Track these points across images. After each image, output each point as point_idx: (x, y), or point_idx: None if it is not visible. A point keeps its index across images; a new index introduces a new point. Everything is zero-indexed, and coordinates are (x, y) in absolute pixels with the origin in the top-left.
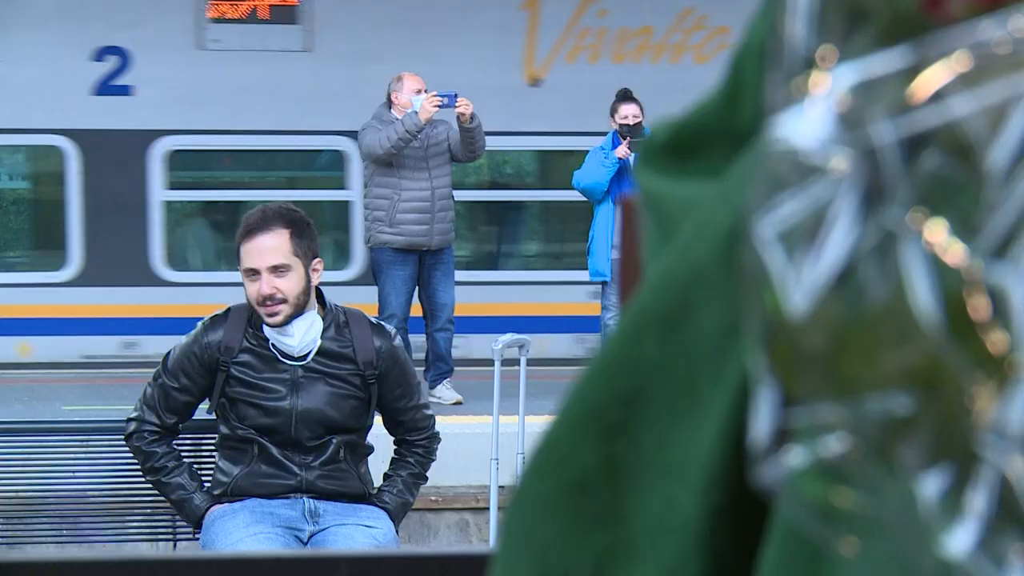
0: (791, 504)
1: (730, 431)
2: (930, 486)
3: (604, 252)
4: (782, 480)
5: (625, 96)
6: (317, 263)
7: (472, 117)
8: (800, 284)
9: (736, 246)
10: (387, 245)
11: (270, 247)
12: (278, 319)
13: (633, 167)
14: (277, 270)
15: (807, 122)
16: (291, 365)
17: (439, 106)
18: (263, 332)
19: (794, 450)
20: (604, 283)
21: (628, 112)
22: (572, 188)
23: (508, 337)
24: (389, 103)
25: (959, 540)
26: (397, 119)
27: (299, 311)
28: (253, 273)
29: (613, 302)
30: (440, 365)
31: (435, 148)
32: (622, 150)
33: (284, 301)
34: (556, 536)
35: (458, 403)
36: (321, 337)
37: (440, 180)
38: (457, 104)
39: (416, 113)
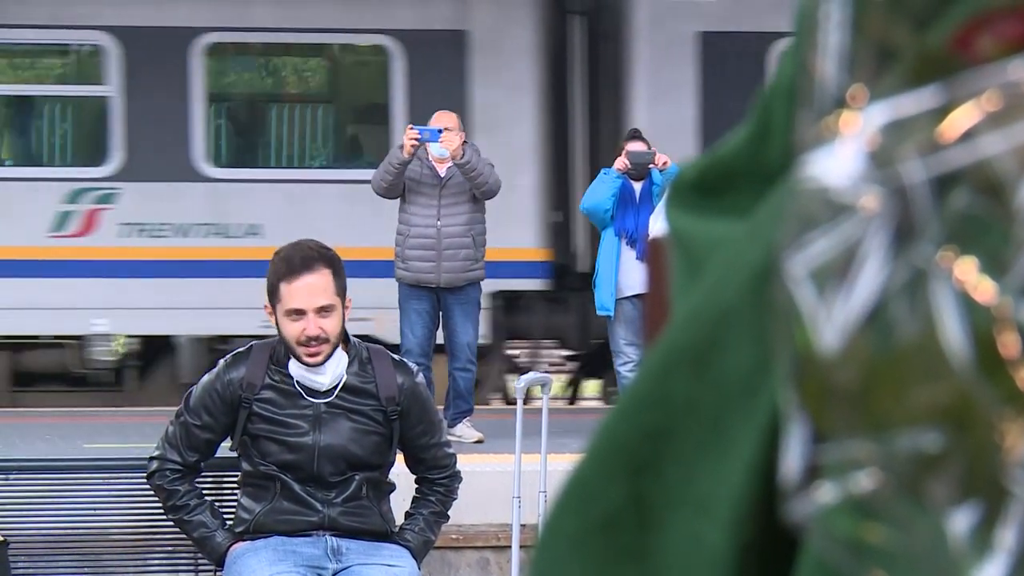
0: (821, 539)
1: (758, 467)
2: (960, 522)
3: (609, 286)
4: (812, 515)
5: (634, 135)
6: (348, 301)
7: (464, 153)
8: (831, 321)
9: (765, 284)
10: (400, 280)
11: (319, 288)
12: (319, 359)
13: (639, 196)
14: (323, 311)
15: (838, 161)
16: (314, 402)
17: (416, 139)
18: (287, 369)
19: (824, 486)
20: (609, 317)
21: (636, 148)
22: None
23: (531, 375)
24: None
25: None
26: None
27: (334, 350)
28: (297, 313)
29: (621, 346)
30: (460, 404)
31: (451, 188)
32: (621, 162)
33: (327, 341)
34: (584, 572)
35: (479, 441)
36: (345, 373)
37: (450, 219)
38: (440, 140)
39: (401, 148)
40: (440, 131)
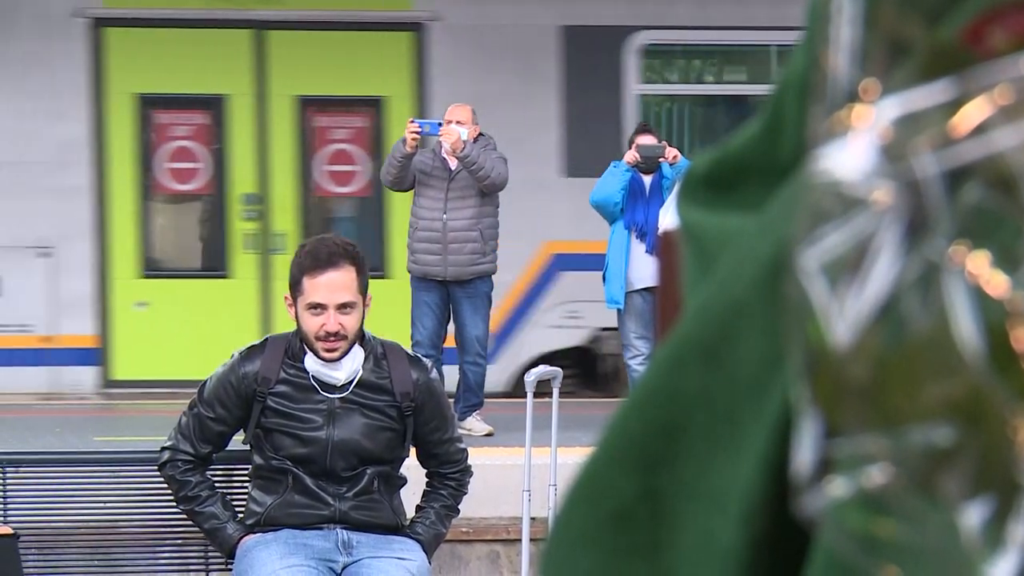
0: (833, 534)
1: (770, 462)
2: (972, 517)
3: (619, 279)
4: (824, 510)
5: (643, 129)
6: (368, 299)
7: (464, 146)
8: (843, 315)
9: (776, 278)
10: (410, 273)
11: (342, 284)
12: (335, 355)
13: (649, 189)
14: (344, 307)
15: (850, 155)
16: (328, 396)
17: (417, 132)
18: (302, 364)
19: (837, 480)
20: (619, 310)
21: (646, 141)
22: None
23: (540, 369)
24: None
25: (1000, 571)
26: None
27: (351, 346)
28: (318, 307)
29: (631, 340)
30: (470, 397)
31: (459, 182)
32: (631, 155)
33: (345, 338)
34: (595, 567)
35: (489, 434)
36: (360, 369)
37: (457, 213)
38: (440, 133)
39: (404, 142)
40: (440, 124)
